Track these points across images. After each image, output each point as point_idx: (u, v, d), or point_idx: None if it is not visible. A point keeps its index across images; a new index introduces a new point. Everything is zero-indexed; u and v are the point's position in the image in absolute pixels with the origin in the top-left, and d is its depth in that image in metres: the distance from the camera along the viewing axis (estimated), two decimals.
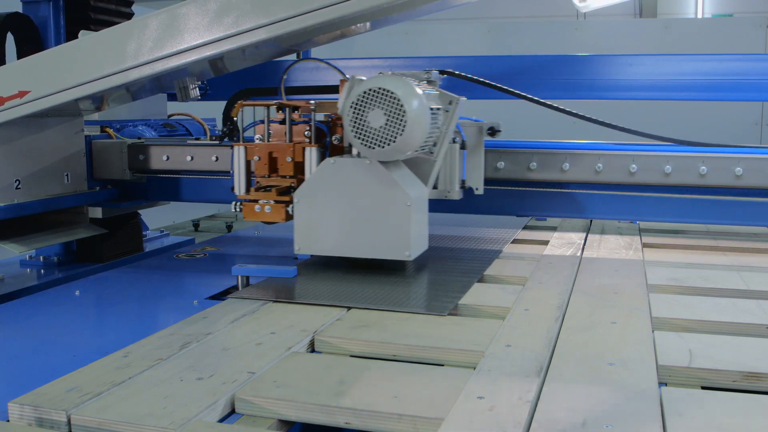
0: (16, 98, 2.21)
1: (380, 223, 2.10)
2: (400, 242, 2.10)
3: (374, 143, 2.01)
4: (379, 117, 1.99)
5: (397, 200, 2.08)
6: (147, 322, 1.89)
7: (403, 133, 1.99)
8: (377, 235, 2.11)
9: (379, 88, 1.99)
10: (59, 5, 2.89)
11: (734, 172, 2.55)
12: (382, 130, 2.00)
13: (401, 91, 1.99)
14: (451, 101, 2.24)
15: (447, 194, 2.43)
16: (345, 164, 2.12)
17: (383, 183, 2.08)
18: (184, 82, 2.38)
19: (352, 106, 2.02)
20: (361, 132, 2.02)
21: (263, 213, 2.25)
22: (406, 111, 1.97)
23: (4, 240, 2.45)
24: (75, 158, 2.74)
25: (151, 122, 3.30)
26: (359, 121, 2.02)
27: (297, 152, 2.25)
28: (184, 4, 2.05)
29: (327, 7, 1.95)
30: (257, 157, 2.28)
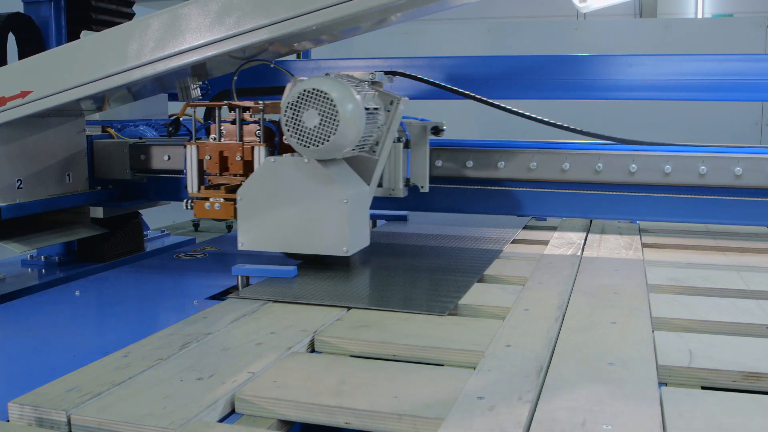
0: (18, 98, 2.22)
1: (319, 219, 2.15)
2: (338, 238, 2.14)
3: (309, 142, 2.07)
4: (314, 117, 2.05)
5: (334, 197, 2.13)
6: (147, 322, 1.89)
7: (336, 132, 2.04)
8: (316, 231, 2.16)
9: (313, 89, 2.05)
10: (60, 5, 2.90)
11: (734, 172, 2.57)
12: (317, 129, 2.05)
13: (335, 92, 2.04)
14: (392, 101, 2.31)
15: (392, 192, 2.52)
16: (284, 162, 2.17)
17: (321, 181, 2.13)
18: (185, 82, 2.40)
19: (289, 106, 2.07)
20: (297, 131, 2.08)
21: (213, 210, 2.32)
22: (339, 111, 2.03)
23: (6, 239, 2.46)
24: (76, 158, 2.75)
25: (152, 122, 3.31)
26: (295, 120, 2.07)
27: (246, 151, 2.31)
28: (185, 5, 2.06)
29: (329, 8, 1.96)
30: (209, 156, 2.34)
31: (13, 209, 2.42)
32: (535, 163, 2.72)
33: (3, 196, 2.40)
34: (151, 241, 3.41)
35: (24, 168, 2.49)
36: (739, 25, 7.99)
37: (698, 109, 6.93)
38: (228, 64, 2.44)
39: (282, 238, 2.20)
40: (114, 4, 3.04)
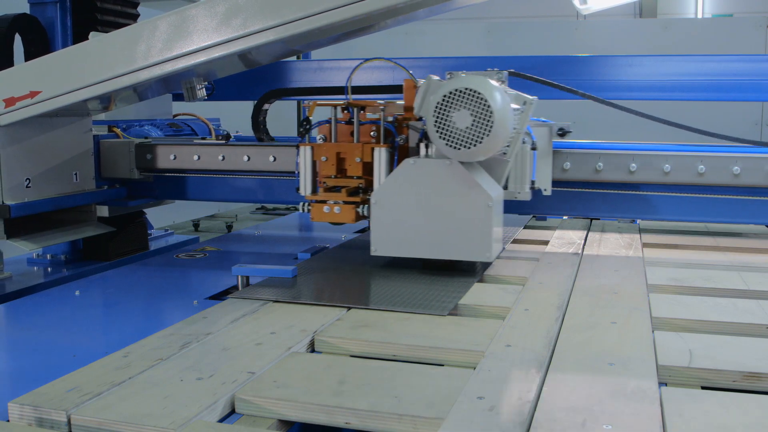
0: (27, 98, 2.25)
1: (460, 224, 2.09)
2: (480, 244, 2.09)
3: (460, 144, 2.00)
4: (466, 117, 1.98)
5: (479, 201, 2.07)
6: (147, 322, 1.89)
7: (490, 133, 1.98)
8: (457, 236, 2.10)
9: (465, 88, 1.98)
10: (66, 6, 2.93)
11: (732, 171, 2.59)
12: (469, 130, 1.99)
13: (488, 91, 1.97)
14: (525, 102, 2.23)
15: (517, 195, 2.41)
16: (426, 165, 2.11)
17: (464, 184, 2.08)
18: (191, 82, 2.41)
19: (437, 107, 2.00)
20: (445, 132, 2.01)
21: (332, 214, 2.25)
22: (493, 112, 1.96)
23: (15, 237, 2.48)
24: (83, 157, 2.77)
25: (157, 122, 3.33)
26: (444, 121, 2.01)
27: (366, 153, 2.23)
28: (193, 6, 2.07)
29: (335, 9, 1.97)
30: (324, 157, 2.26)
31: (22, 208, 2.45)
32: None
33: (12, 195, 2.42)
34: (156, 240, 3.43)
35: (32, 167, 2.51)
36: (739, 25, 7.99)
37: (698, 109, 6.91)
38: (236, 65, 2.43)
39: (419, 243, 2.14)
40: (119, 5, 3.07)
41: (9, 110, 2.29)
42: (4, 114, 2.30)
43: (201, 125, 3.51)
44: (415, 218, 2.12)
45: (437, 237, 2.12)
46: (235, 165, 2.85)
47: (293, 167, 2.76)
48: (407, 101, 2.28)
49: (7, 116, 2.31)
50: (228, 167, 2.86)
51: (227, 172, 2.89)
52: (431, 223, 2.11)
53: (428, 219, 2.11)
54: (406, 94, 2.28)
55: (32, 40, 2.85)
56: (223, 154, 2.86)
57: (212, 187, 2.97)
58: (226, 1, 2.05)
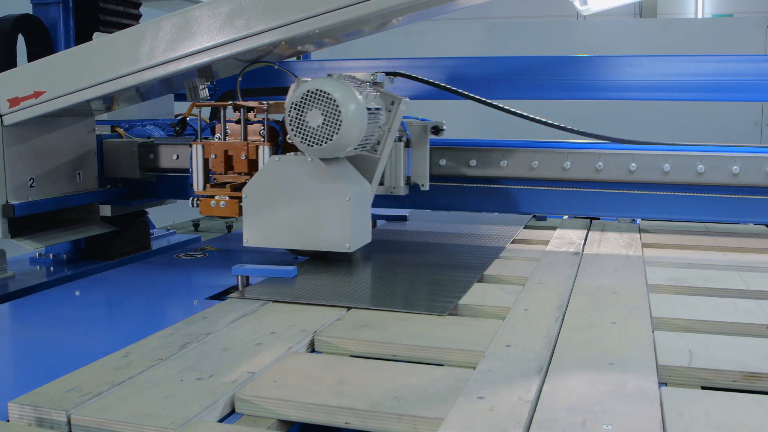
0: (31, 98, 2.27)
1: (322, 216, 2.20)
2: (341, 234, 2.19)
3: (313, 141, 2.11)
4: (317, 117, 2.09)
5: (338, 195, 2.17)
6: (147, 322, 1.89)
7: (339, 132, 2.08)
8: (320, 228, 2.21)
9: (317, 89, 2.09)
10: (69, 7, 2.94)
11: (731, 171, 2.61)
12: (320, 129, 2.10)
13: (338, 93, 2.08)
14: (393, 101, 2.36)
15: (393, 190, 2.58)
16: (288, 161, 2.22)
17: (324, 179, 2.18)
18: (193, 82, 2.44)
19: (293, 106, 2.11)
20: (301, 131, 2.12)
21: (218, 208, 2.38)
22: (341, 111, 2.07)
23: (19, 237, 2.49)
24: (87, 157, 2.78)
25: (159, 122, 3.35)
26: (299, 120, 2.11)
27: (251, 150, 2.37)
28: (196, 7, 2.09)
29: (338, 10, 1.98)
30: (214, 154, 2.39)
31: (26, 207, 2.46)
32: (537, 162, 2.76)
33: (16, 195, 2.43)
34: (157, 239, 3.45)
35: (36, 167, 2.52)
36: (739, 25, 7.98)
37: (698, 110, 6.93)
38: (234, 66, 2.47)
39: (286, 234, 2.24)
40: (122, 6, 3.08)
41: (13, 110, 2.31)
42: (9, 114, 2.32)
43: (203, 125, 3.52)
44: (282, 211, 2.23)
45: (303, 229, 2.23)
46: None
47: None
48: None
49: (11, 116, 2.33)
50: None
51: None
52: (297, 216, 2.22)
53: (294, 212, 2.22)
54: None
55: (35, 40, 2.86)
56: None
57: None
58: (230, 1, 2.07)
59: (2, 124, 2.33)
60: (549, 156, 2.76)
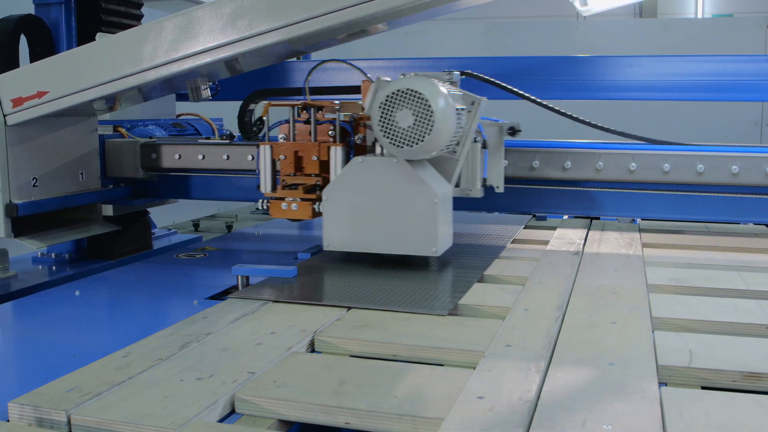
0: (34, 98, 2.28)
1: (407, 219, 2.15)
2: (426, 238, 2.15)
3: (402, 142, 2.07)
4: (408, 117, 2.05)
5: (424, 198, 2.13)
6: (147, 322, 1.89)
7: (431, 132, 2.04)
8: (404, 231, 2.16)
9: (407, 89, 2.04)
10: (71, 7, 2.95)
11: (730, 170, 2.62)
12: (411, 129, 2.05)
13: (429, 91, 2.03)
14: (473, 101, 2.30)
15: (469, 192, 2.49)
16: (373, 162, 2.17)
17: (410, 181, 2.13)
18: (196, 82, 2.44)
19: (380, 107, 2.07)
20: (389, 131, 2.07)
21: (290, 210, 2.31)
22: (433, 111, 2.03)
23: (23, 236, 2.50)
24: (89, 157, 2.79)
25: (161, 122, 3.36)
26: (387, 120, 2.07)
27: (322, 151, 2.30)
28: (199, 8, 2.09)
29: (340, 11, 1.99)
30: (283, 156, 2.32)
31: (30, 206, 2.46)
32: (538, 161, 2.77)
33: (20, 194, 2.44)
34: (159, 239, 3.46)
35: (39, 166, 2.53)
36: (739, 25, 7.99)
37: (698, 110, 6.93)
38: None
39: (368, 238, 2.20)
40: (123, 6, 3.09)
41: (17, 110, 2.32)
42: (12, 114, 2.33)
43: (204, 125, 3.53)
44: (365, 214, 2.19)
45: (386, 232, 2.19)
46: (239, 164, 2.88)
47: None
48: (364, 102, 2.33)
49: (14, 116, 2.34)
50: (232, 166, 2.89)
51: (232, 171, 2.92)
52: (380, 219, 2.18)
53: (377, 215, 2.18)
54: (363, 94, 2.34)
55: (37, 40, 2.87)
56: (228, 154, 2.89)
57: (216, 186, 3.00)
58: (232, 2, 2.07)
59: (6, 123, 2.34)
60: (549, 156, 2.76)
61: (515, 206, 2.89)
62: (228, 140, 2.97)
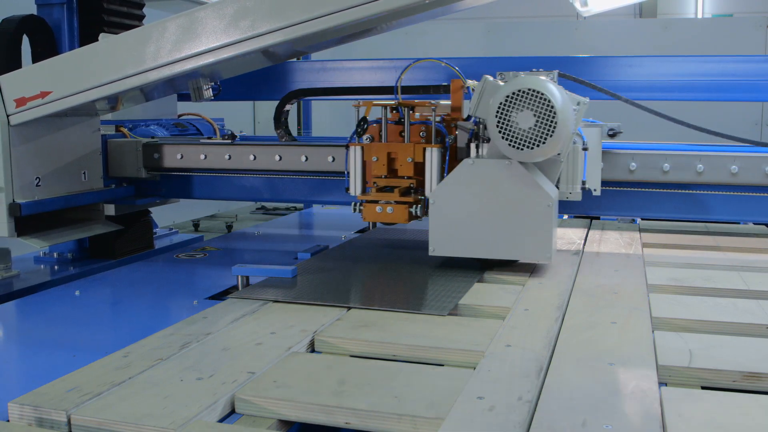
0: (38, 98, 2.29)
1: (520, 224, 2.10)
2: (541, 244, 2.10)
3: (523, 144, 2.01)
4: (529, 118, 1.99)
5: (539, 202, 2.08)
6: (147, 322, 1.89)
7: (554, 134, 1.99)
8: (517, 236, 2.11)
9: (528, 89, 1.99)
10: (73, 8, 2.96)
11: (730, 170, 2.63)
12: (532, 131, 2.00)
13: (550, 92, 1.99)
14: (579, 102, 2.24)
15: (568, 195, 2.41)
16: (486, 164, 2.12)
17: (525, 184, 2.09)
18: (198, 82, 2.45)
19: (499, 108, 2.01)
20: (508, 133, 2.02)
21: (385, 213, 2.25)
22: (556, 112, 1.98)
23: (26, 235, 2.51)
24: (92, 156, 2.80)
25: (163, 122, 3.37)
26: (506, 122, 2.01)
27: (417, 153, 2.24)
28: (202, 8, 2.10)
29: (342, 11, 1.99)
30: (375, 157, 2.26)
31: (33, 206, 2.47)
32: None
33: (23, 194, 2.44)
34: (160, 238, 3.47)
35: (42, 166, 2.54)
36: (739, 25, 7.98)
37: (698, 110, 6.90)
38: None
39: (478, 243, 2.15)
40: (125, 6, 3.10)
41: (20, 110, 2.33)
42: (15, 114, 2.34)
43: (206, 125, 3.54)
44: (474, 218, 2.13)
45: (496, 237, 2.12)
46: (241, 164, 2.89)
47: (298, 166, 2.79)
48: (455, 102, 2.30)
49: (18, 116, 2.35)
50: (234, 166, 2.90)
51: (234, 171, 2.93)
52: (490, 224, 2.12)
53: (487, 219, 2.12)
54: (453, 94, 2.29)
55: (39, 41, 2.88)
56: (230, 154, 2.90)
57: (218, 186, 3.01)
58: (235, 3, 2.07)
59: (9, 123, 2.35)
60: None
61: None
62: (229, 140, 2.97)
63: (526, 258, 2.14)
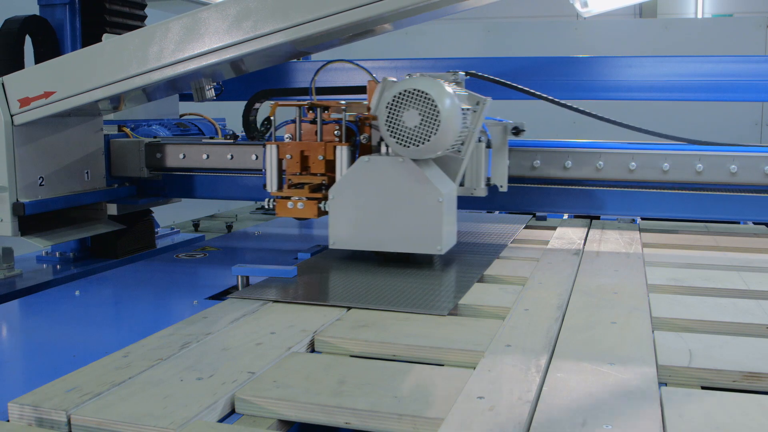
0: (41, 98, 2.30)
1: (412, 218, 2.18)
2: (431, 237, 2.17)
3: (409, 142, 2.09)
4: (414, 117, 2.07)
5: (429, 197, 2.15)
6: (147, 322, 1.89)
7: (438, 132, 2.06)
8: (409, 230, 2.19)
9: (414, 89, 2.06)
10: (75, 8, 2.97)
11: (729, 169, 2.63)
12: (417, 129, 2.07)
13: (435, 92, 2.06)
14: (478, 101, 2.33)
15: (473, 192, 2.51)
16: (379, 162, 2.19)
17: (416, 180, 2.16)
18: (200, 83, 2.47)
19: (387, 107, 2.09)
20: (396, 131, 2.10)
21: (296, 209, 2.34)
22: (440, 111, 2.05)
23: (29, 235, 2.52)
24: (95, 156, 2.81)
25: (165, 122, 3.38)
26: (394, 120, 2.09)
27: (328, 151, 2.33)
28: (205, 9, 2.11)
29: (344, 12, 1.99)
30: (289, 155, 2.35)
31: (36, 205, 2.48)
32: (539, 161, 2.78)
33: (26, 193, 2.45)
34: (162, 238, 3.49)
35: (46, 166, 2.55)
36: (739, 25, 7.98)
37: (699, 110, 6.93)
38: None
39: (374, 236, 2.23)
40: (127, 7, 3.11)
41: (24, 110, 2.34)
42: (19, 114, 2.35)
43: (207, 125, 3.55)
44: (371, 213, 2.21)
45: (391, 231, 2.21)
46: (243, 164, 2.90)
47: None
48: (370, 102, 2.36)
49: (21, 116, 2.36)
50: (236, 166, 2.92)
51: (236, 170, 2.94)
52: (386, 218, 2.20)
53: (383, 214, 2.20)
54: (369, 95, 2.36)
55: (42, 41, 2.89)
56: (232, 153, 2.92)
57: (220, 185, 3.03)
58: (238, 3, 2.08)
59: (13, 123, 2.36)
60: (550, 155, 2.78)
61: (517, 205, 2.90)
62: (231, 140, 2.99)
63: (419, 249, 2.21)
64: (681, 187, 2.73)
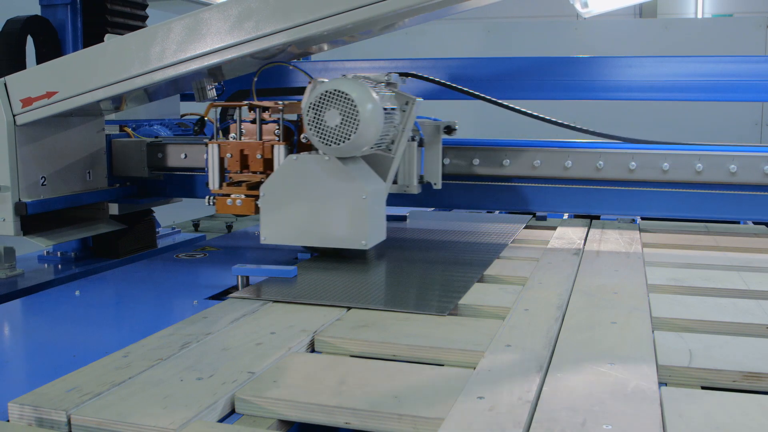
0: (44, 98, 2.32)
1: (339, 214, 2.24)
2: (357, 232, 2.24)
3: (331, 140, 2.16)
4: (335, 117, 2.13)
5: (354, 193, 2.22)
6: (147, 322, 1.89)
7: (357, 131, 2.12)
8: (336, 225, 2.25)
9: (335, 90, 2.13)
10: (77, 8, 2.98)
11: (728, 169, 2.63)
12: (338, 128, 2.14)
13: (355, 93, 2.13)
14: (407, 101, 2.42)
15: (406, 189, 2.62)
16: (306, 160, 2.26)
17: (341, 177, 2.23)
18: (202, 83, 2.50)
19: (311, 106, 2.16)
20: (319, 130, 2.16)
21: (234, 206, 2.41)
22: (359, 111, 2.11)
23: (31, 234, 2.52)
24: (97, 156, 2.82)
25: (166, 122, 3.39)
26: (318, 120, 2.15)
27: (266, 150, 2.41)
28: (206, 9, 2.12)
29: (344, 12, 2.00)
30: (230, 154, 2.43)
31: (38, 205, 2.49)
32: (539, 161, 2.79)
33: (28, 193, 2.46)
34: (163, 237, 3.51)
35: (48, 165, 2.56)
36: (739, 25, 7.98)
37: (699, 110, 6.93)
38: (247, 65, 2.50)
39: (303, 232, 2.29)
40: (129, 7, 3.11)
41: (26, 110, 2.35)
42: (21, 114, 2.36)
43: (208, 125, 3.55)
44: (300, 209, 2.28)
45: (320, 227, 2.27)
46: None
47: None
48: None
49: (24, 116, 2.37)
50: None
51: None
52: (314, 214, 2.27)
53: (311, 210, 2.27)
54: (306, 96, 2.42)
55: (44, 41, 2.90)
56: None
57: None
58: (240, 4, 2.09)
59: (15, 123, 2.37)
60: (550, 155, 2.79)
61: (517, 205, 2.91)
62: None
63: (345, 245, 2.26)
64: (681, 187, 2.73)
